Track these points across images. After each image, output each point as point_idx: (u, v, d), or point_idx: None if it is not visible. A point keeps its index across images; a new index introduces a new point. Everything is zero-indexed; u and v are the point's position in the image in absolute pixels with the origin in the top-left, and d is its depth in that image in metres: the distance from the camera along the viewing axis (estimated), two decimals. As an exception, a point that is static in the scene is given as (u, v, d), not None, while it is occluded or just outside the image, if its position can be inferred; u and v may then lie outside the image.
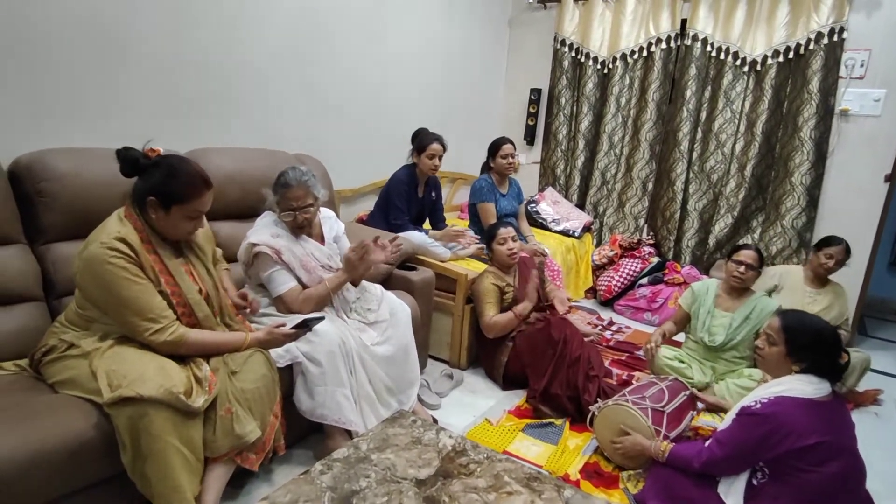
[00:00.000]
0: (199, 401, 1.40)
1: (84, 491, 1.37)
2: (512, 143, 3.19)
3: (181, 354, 1.50)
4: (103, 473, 1.38)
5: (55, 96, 1.90)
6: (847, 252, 2.66)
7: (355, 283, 2.08)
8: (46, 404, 1.37)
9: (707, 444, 1.62)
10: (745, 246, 2.50)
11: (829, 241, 2.69)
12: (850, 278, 3.32)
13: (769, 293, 2.68)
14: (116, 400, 1.29)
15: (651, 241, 4.00)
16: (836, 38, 3.26)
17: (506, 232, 2.59)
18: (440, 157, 2.85)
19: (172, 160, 1.49)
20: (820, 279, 2.75)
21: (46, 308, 1.72)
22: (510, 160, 3.16)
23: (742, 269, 2.43)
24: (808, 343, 1.58)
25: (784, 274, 2.85)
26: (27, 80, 1.83)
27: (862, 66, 3.24)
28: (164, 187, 1.46)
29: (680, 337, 2.76)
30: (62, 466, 1.28)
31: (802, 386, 1.55)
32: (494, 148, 3.17)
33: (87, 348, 1.43)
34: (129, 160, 1.46)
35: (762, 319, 2.38)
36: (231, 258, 2.08)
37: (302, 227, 1.97)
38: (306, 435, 2.00)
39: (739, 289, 2.48)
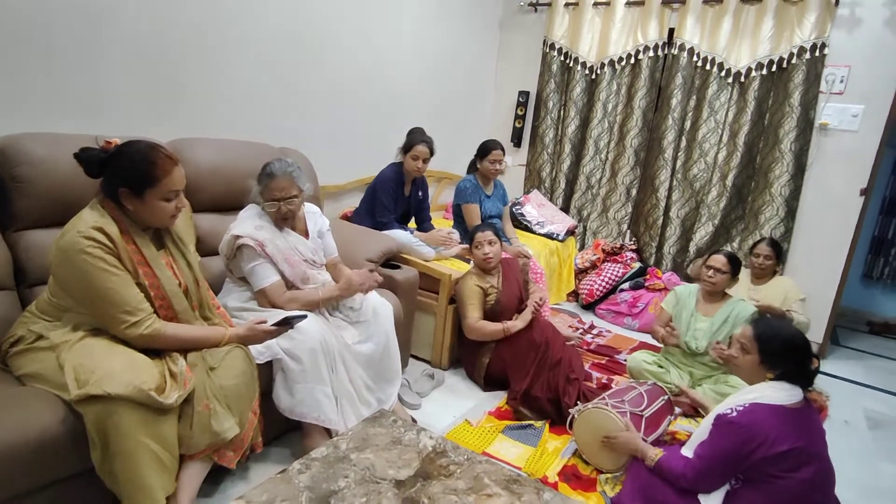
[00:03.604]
0: (172, 397, 1.36)
1: (52, 486, 1.33)
2: (502, 148, 3.16)
3: (157, 349, 1.47)
4: (72, 469, 1.35)
5: (33, 80, 1.85)
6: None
7: None
8: (12, 397, 1.33)
9: (688, 462, 1.63)
10: (717, 251, 2.56)
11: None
12: (824, 289, 3.42)
13: None
14: (84, 397, 1.25)
15: (633, 247, 4.05)
16: (817, 53, 3.34)
17: (482, 236, 2.56)
18: (425, 161, 2.83)
19: (132, 146, 1.44)
20: (759, 276, 3.07)
21: (17, 297, 1.67)
22: (497, 166, 3.14)
23: (710, 272, 2.50)
24: (779, 350, 1.61)
25: None
26: (3, 62, 1.76)
27: (842, 81, 3.32)
28: (131, 175, 1.41)
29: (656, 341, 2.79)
30: (28, 461, 1.24)
31: (775, 393, 1.58)
32: (484, 151, 3.15)
33: (55, 340, 1.39)
34: (93, 161, 1.41)
35: (738, 323, 2.43)
36: (213, 252, 2.05)
37: (286, 218, 1.95)
38: (284, 433, 1.98)
39: (714, 293, 2.53)
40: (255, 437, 1.65)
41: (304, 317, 1.69)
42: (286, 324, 1.64)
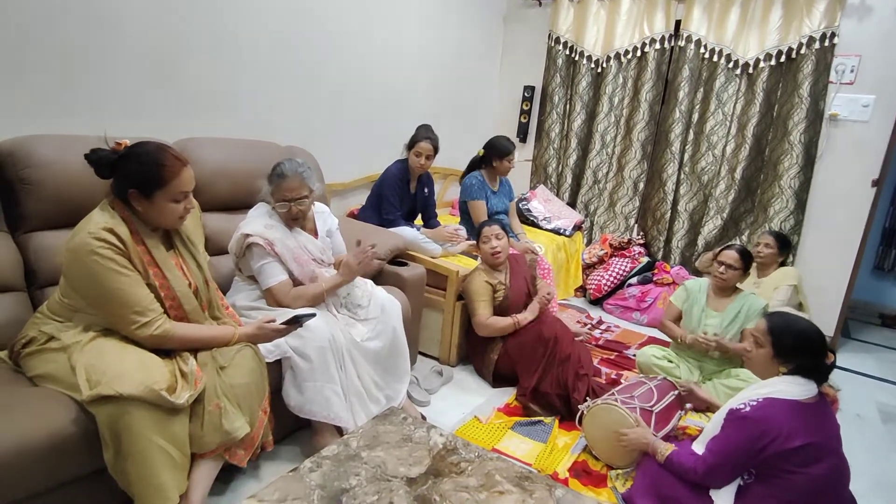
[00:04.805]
0: (183, 396, 1.37)
1: (66, 486, 1.34)
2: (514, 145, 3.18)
3: (168, 349, 1.47)
4: (85, 469, 1.35)
5: (40, 81, 1.85)
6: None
7: None
8: (25, 397, 1.34)
9: (699, 456, 1.61)
10: (729, 246, 2.54)
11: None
12: (835, 281, 3.38)
13: None
14: (95, 398, 1.26)
15: (641, 241, 4.02)
16: (827, 42, 3.29)
17: (490, 231, 2.56)
18: (428, 157, 2.82)
19: (141, 148, 1.44)
20: (762, 268, 3.02)
21: (28, 299, 1.68)
22: (513, 165, 3.17)
23: (722, 269, 2.48)
24: (793, 344, 1.59)
25: None
26: (10, 63, 1.77)
27: (852, 71, 3.27)
28: (140, 177, 1.42)
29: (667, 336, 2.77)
30: (42, 461, 1.25)
31: (789, 387, 1.56)
32: (503, 151, 3.09)
33: (66, 341, 1.40)
34: (103, 162, 1.42)
35: (750, 317, 2.41)
36: (221, 251, 2.05)
37: (296, 218, 1.95)
38: (294, 431, 1.98)
39: (725, 288, 2.51)
40: (265, 435, 1.66)
41: (313, 315, 1.69)
42: (295, 322, 1.64)
